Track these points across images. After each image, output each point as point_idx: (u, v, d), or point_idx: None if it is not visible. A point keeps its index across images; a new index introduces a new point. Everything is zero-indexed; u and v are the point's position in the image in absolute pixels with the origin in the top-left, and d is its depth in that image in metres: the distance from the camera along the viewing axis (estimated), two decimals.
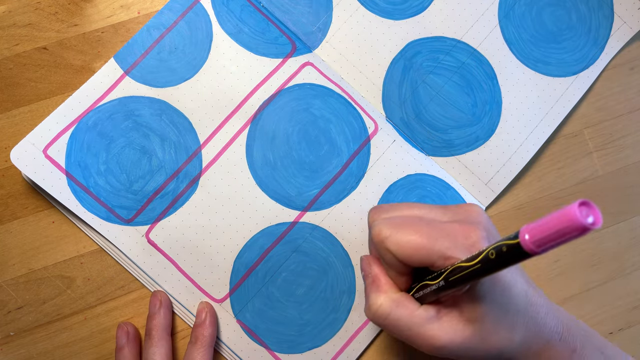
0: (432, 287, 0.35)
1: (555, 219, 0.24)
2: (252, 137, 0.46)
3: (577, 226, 0.23)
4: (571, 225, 0.24)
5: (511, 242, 0.27)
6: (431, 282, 0.35)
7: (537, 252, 0.26)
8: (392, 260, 0.36)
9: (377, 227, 0.37)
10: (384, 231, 0.36)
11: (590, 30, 0.50)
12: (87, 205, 0.44)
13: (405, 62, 0.48)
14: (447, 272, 0.34)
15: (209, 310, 0.44)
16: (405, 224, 0.36)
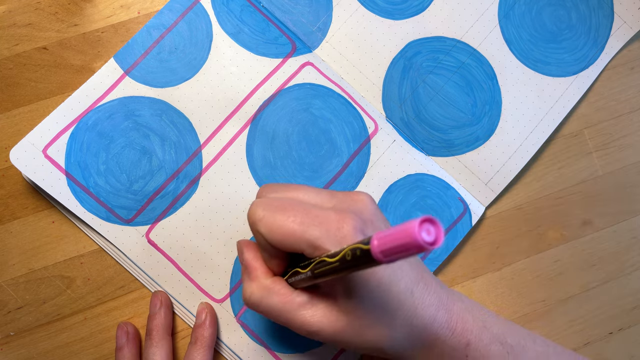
0: (302, 275, 0.34)
1: (399, 232, 0.24)
2: (252, 137, 0.46)
3: (415, 244, 0.23)
4: (410, 242, 0.23)
5: (364, 247, 0.26)
6: (301, 270, 0.35)
7: (384, 261, 0.25)
8: (264, 243, 0.35)
9: (253, 207, 0.36)
10: (258, 212, 0.35)
11: (590, 30, 0.50)
12: (87, 205, 0.44)
13: (405, 62, 0.48)
14: (314, 263, 0.33)
15: (209, 311, 0.44)
16: (281, 208, 0.35)
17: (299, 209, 0.35)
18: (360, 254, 0.27)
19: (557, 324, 0.48)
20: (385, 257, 0.25)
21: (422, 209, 0.47)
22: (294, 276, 0.36)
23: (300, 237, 0.33)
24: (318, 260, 0.32)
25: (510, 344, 0.37)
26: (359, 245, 0.27)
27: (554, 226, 0.49)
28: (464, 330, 0.36)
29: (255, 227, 0.35)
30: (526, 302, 0.48)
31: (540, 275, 0.48)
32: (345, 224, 0.33)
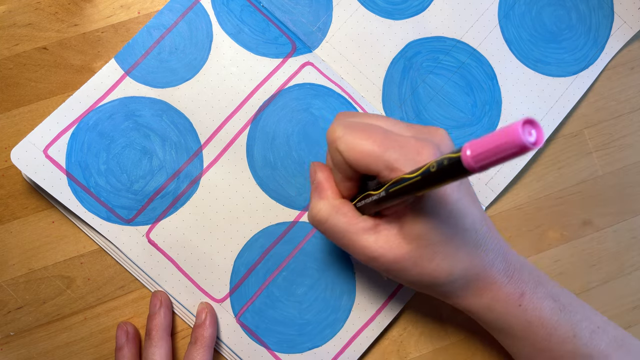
0: (374, 197, 0.34)
1: (497, 135, 0.23)
2: (252, 138, 0.46)
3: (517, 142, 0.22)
4: (512, 141, 0.23)
5: (453, 156, 0.26)
6: (373, 192, 0.35)
7: (475, 168, 0.25)
8: (340, 163, 0.36)
9: (333, 126, 0.36)
10: (338, 131, 0.35)
11: (590, 30, 0.50)
12: (88, 205, 0.44)
13: (405, 62, 0.49)
14: (389, 183, 0.33)
15: (209, 311, 0.44)
16: (362, 129, 0.35)
17: (379, 131, 0.35)
18: (447, 164, 0.27)
19: None
20: (477, 162, 0.24)
21: None
22: (363, 200, 0.36)
23: (378, 157, 0.33)
24: (394, 180, 0.32)
25: (563, 303, 0.38)
26: (446, 156, 0.27)
27: (554, 226, 0.49)
28: (520, 281, 0.37)
29: (335, 144, 0.35)
30: None
31: None
32: (424, 150, 0.34)
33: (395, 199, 0.33)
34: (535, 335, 0.38)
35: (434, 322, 0.47)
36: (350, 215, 0.37)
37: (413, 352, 0.47)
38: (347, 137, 0.35)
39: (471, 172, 0.25)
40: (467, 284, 0.37)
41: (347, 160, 0.35)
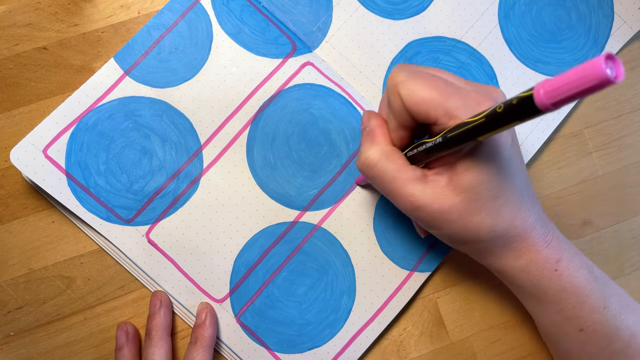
0: (428, 144, 0.35)
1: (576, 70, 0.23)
2: (252, 138, 0.46)
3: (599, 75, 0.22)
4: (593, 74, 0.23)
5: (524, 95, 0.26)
6: (428, 140, 0.35)
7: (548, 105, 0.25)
8: (399, 108, 0.36)
9: (395, 71, 0.37)
10: (401, 75, 0.36)
11: (590, 30, 0.50)
12: (87, 205, 0.44)
13: (405, 62, 0.48)
14: (447, 129, 0.33)
15: (209, 311, 0.44)
16: (423, 76, 0.36)
17: (440, 80, 0.36)
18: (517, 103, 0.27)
19: None
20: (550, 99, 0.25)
21: None
22: (415, 149, 0.37)
23: (439, 104, 0.34)
24: (453, 126, 0.33)
25: (596, 275, 0.39)
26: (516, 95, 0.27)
27: None
28: (558, 248, 0.38)
29: (396, 88, 0.36)
30: None
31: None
32: (484, 102, 0.34)
33: (451, 146, 0.33)
34: (566, 302, 0.38)
35: (434, 322, 0.47)
36: (400, 162, 0.37)
37: (413, 352, 0.47)
38: (409, 82, 0.35)
39: (542, 111, 0.26)
40: (506, 243, 0.37)
41: (407, 105, 0.35)
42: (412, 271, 0.46)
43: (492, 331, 0.47)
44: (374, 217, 0.47)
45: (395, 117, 0.37)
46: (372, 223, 0.47)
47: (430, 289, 0.48)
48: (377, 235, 0.46)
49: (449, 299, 0.48)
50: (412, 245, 0.47)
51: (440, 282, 0.48)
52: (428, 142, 0.35)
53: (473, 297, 0.48)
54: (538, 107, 0.25)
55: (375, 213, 0.47)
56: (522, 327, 0.48)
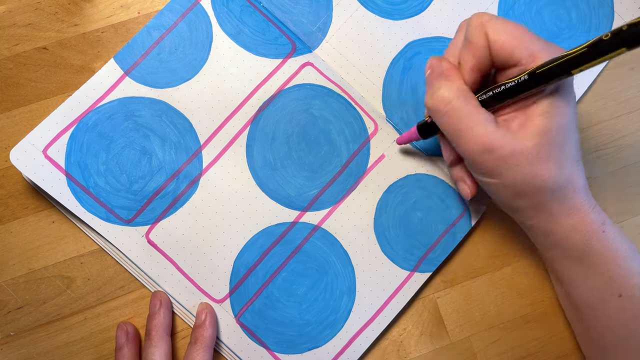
0: (509, 84, 0.35)
1: None
2: (252, 138, 0.46)
3: None
4: None
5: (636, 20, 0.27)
6: (508, 81, 0.36)
7: None
8: (481, 47, 0.37)
9: (480, 13, 0.37)
10: (486, 16, 0.37)
11: (590, 30, 0.50)
12: (87, 205, 0.44)
13: (405, 62, 0.48)
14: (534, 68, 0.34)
15: (209, 311, 0.44)
16: (507, 20, 0.37)
17: (524, 27, 0.36)
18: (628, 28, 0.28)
19: (557, 324, 0.48)
20: None
21: (422, 209, 0.47)
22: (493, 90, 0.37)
23: (525, 45, 0.35)
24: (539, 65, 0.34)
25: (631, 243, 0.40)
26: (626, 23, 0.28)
27: None
28: (601, 212, 0.40)
29: (483, 27, 0.36)
30: (526, 302, 0.48)
31: (540, 275, 0.48)
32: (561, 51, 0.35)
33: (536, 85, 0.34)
34: (610, 265, 0.39)
35: (434, 322, 0.47)
36: (475, 103, 0.37)
37: (413, 352, 0.47)
38: (496, 22, 0.36)
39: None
40: (563, 199, 0.38)
41: (493, 44, 0.36)
42: (412, 272, 0.46)
43: (492, 331, 0.47)
44: (374, 218, 0.47)
45: (475, 58, 0.37)
46: (373, 223, 0.47)
47: (430, 289, 0.48)
48: (378, 235, 0.46)
49: (449, 299, 0.48)
50: (413, 245, 0.47)
51: (440, 282, 0.48)
52: (508, 82, 0.36)
53: (473, 297, 0.48)
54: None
55: (375, 213, 0.47)
56: (522, 327, 0.48)
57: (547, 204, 0.39)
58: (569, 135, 0.36)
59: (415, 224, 0.47)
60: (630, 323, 0.39)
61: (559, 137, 0.36)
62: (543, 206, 0.39)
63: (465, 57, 0.38)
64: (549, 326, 0.48)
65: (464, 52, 0.38)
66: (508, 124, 0.37)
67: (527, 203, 0.39)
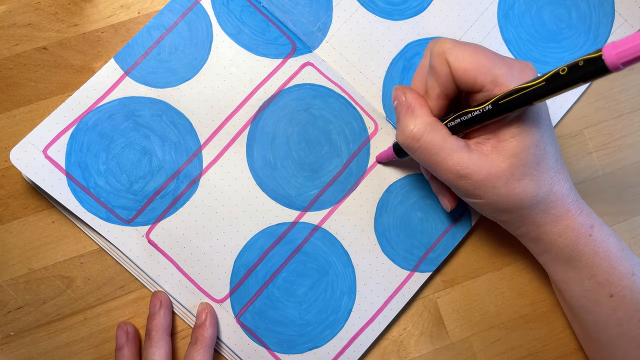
0: (475, 113, 0.36)
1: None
2: (252, 138, 0.46)
3: None
4: None
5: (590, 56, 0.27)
6: (474, 109, 0.36)
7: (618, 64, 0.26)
8: (445, 75, 0.37)
9: (441, 40, 0.37)
10: (448, 43, 0.37)
11: (591, 29, 0.50)
12: (87, 205, 0.44)
13: (404, 62, 0.48)
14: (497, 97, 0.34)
15: (209, 311, 0.44)
16: (469, 44, 0.37)
17: (485, 49, 0.37)
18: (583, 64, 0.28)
19: (557, 324, 0.48)
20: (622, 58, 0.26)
21: (422, 209, 0.47)
22: (458, 118, 0.37)
23: (487, 71, 0.35)
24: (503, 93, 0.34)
25: (623, 245, 0.41)
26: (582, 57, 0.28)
27: None
28: (590, 215, 0.40)
29: (444, 55, 0.36)
30: (526, 302, 0.48)
31: (540, 275, 0.48)
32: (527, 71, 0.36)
33: (501, 113, 0.34)
34: (598, 267, 0.40)
35: (434, 322, 0.47)
36: (444, 132, 0.38)
37: (413, 352, 0.47)
38: (457, 49, 0.36)
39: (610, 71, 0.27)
40: (546, 210, 0.39)
41: (455, 71, 0.36)
42: (412, 272, 0.46)
43: (492, 331, 0.47)
44: (374, 218, 0.47)
45: (440, 85, 0.38)
46: (373, 223, 0.47)
47: (430, 289, 0.48)
48: (378, 235, 0.47)
49: (449, 299, 0.48)
50: (413, 245, 0.47)
51: (440, 282, 0.48)
52: (474, 111, 0.36)
53: (473, 297, 0.48)
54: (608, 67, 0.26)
55: (375, 214, 0.47)
56: (522, 327, 0.48)
57: (530, 216, 0.39)
58: (543, 152, 0.37)
59: (416, 223, 0.47)
60: (623, 322, 0.40)
61: (532, 156, 0.37)
62: (527, 218, 0.40)
63: (430, 84, 0.38)
64: (549, 326, 0.48)
65: (429, 79, 0.39)
66: (480, 147, 0.38)
67: (510, 217, 0.40)
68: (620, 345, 0.41)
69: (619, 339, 0.40)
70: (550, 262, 0.43)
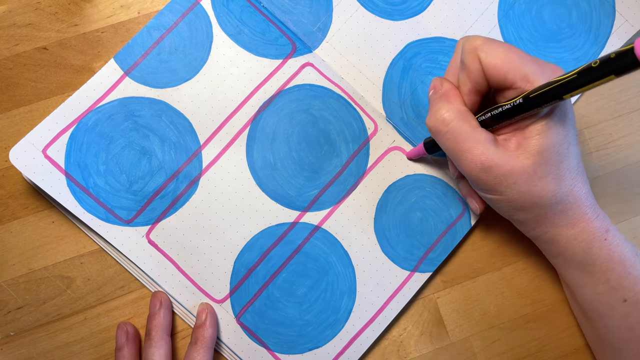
0: (505, 107, 0.36)
1: None
2: (252, 138, 0.46)
3: None
4: None
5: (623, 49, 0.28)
6: (504, 103, 0.37)
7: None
8: (476, 72, 0.37)
9: (472, 37, 0.38)
10: (479, 40, 0.37)
11: (591, 29, 0.50)
12: (87, 206, 0.44)
13: (404, 62, 0.48)
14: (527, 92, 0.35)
15: (210, 312, 0.44)
16: (500, 42, 0.38)
17: (516, 47, 0.37)
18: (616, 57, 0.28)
19: (557, 324, 0.48)
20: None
21: (422, 209, 0.47)
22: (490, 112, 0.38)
23: (518, 67, 0.36)
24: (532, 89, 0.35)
25: (637, 250, 0.41)
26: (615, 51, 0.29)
27: None
28: (605, 219, 0.41)
29: (476, 52, 0.37)
30: (526, 302, 0.48)
31: (540, 275, 0.48)
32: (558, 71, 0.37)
33: (530, 108, 0.35)
34: (612, 272, 0.40)
35: (434, 322, 0.47)
36: (474, 123, 0.38)
37: (413, 352, 0.47)
38: (489, 46, 0.37)
39: None
40: (564, 211, 0.39)
41: (486, 67, 0.37)
42: (412, 272, 0.46)
43: (492, 331, 0.47)
44: (374, 218, 0.47)
45: (471, 81, 0.38)
46: (373, 224, 0.47)
47: (430, 289, 0.48)
48: (378, 236, 0.46)
49: (449, 299, 0.48)
50: (413, 245, 0.47)
51: (440, 282, 0.48)
52: (505, 105, 0.37)
53: (473, 297, 0.48)
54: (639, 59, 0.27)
55: (375, 214, 0.47)
56: (522, 327, 0.48)
57: (548, 216, 0.39)
58: (566, 152, 0.37)
59: (415, 224, 0.47)
60: (635, 327, 0.40)
61: (556, 155, 0.37)
62: (544, 218, 0.40)
63: (462, 79, 0.39)
64: (549, 326, 0.48)
65: (461, 75, 0.39)
66: (506, 143, 0.38)
67: (528, 216, 0.40)
68: (631, 349, 0.41)
69: (631, 343, 0.40)
70: (563, 265, 0.43)
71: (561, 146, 0.37)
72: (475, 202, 0.45)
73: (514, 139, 0.38)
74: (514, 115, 0.36)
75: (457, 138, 0.38)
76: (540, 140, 0.36)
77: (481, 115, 0.39)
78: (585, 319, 0.44)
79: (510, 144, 0.38)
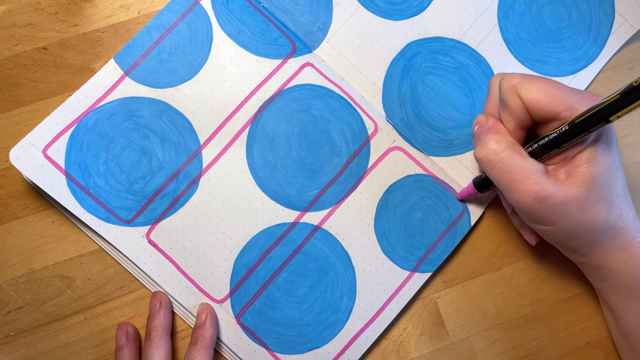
0: (552, 135, 0.37)
1: None
2: (252, 138, 0.46)
3: None
4: None
5: None
6: (550, 132, 0.37)
7: None
8: (518, 108, 0.38)
9: (509, 75, 0.39)
10: (516, 78, 0.38)
11: (591, 29, 0.50)
12: (87, 206, 0.44)
13: (404, 62, 0.48)
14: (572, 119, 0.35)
15: (210, 312, 0.44)
16: (537, 77, 0.38)
17: (555, 81, 0.38)
18: None
19: (557, 324, 0.48)
20: None
21: (422, 209, 0.47)
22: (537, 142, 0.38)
23: (560, 99, 0.36)
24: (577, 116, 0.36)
25: None
26: None
27: None
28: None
29: (515, 90, 0.38)
30: (526, 302, 0.48)
31: (540, 275, 0.48)
32: (598, 98, 0.37)
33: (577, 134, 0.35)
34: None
35: (434, 322, 0.47)
36: (524, 153, 0.38)
37: (413, 352, 0.47)
38: (528, 82, 0.38)
39: None
40: (614, 236, 0.39)
41: (527, 103, 0.37)
42: (412, 272, 0.46)
43: (492, 331, 0.47)
44: (374, 218, 0.47)
45: (514, 118, 0.39)
46: (373, 224, 0.47)
47: (430, 289, 0.48)
48: (378, 236, 0.47)
49: (449, 299, 0.48)
50: (413, 246, 0.47)
51: (440, 282, 0.48)
52: (551, 134, 0.37)
53: (473, 297, 0.48)
54: None
55: (376, 214, 0.47)
56: (522, 327, 0.48)
57: (599, 242, 0.39)
58: (615, 177, 0.38)
59: (416, 224, 0.47)
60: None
61: (607, 181, 0.37)
62: (595, 244, 0.40)
63: (505, 118, 0.40)
64: (549, 326, 0.48)
65: (503, 114, 0.40)
66: (556, 173, 0.38)
67: (580, 243, 0.40)
68: None
69: None
70: (610, 289, 0.43)
71: (610, 172, 0.37)
72: (529, 234, 0.44)
73: (563, 169, 0.38)
74: (562, 144, 0.37)
75: (509, 168, 0.38)
76: (590, 167, 0.37)
77: (529, 147, 0.39)
78: (626, 343, 0.44)
79: (560, 174, 0.38)
